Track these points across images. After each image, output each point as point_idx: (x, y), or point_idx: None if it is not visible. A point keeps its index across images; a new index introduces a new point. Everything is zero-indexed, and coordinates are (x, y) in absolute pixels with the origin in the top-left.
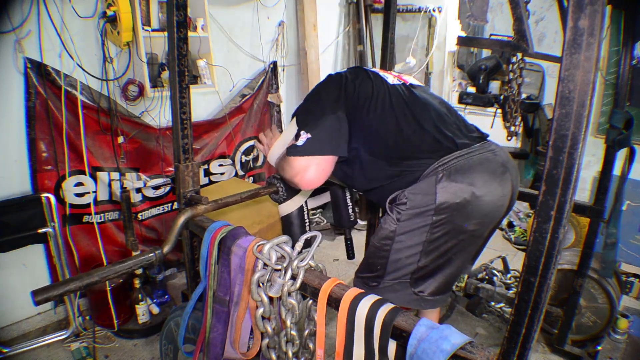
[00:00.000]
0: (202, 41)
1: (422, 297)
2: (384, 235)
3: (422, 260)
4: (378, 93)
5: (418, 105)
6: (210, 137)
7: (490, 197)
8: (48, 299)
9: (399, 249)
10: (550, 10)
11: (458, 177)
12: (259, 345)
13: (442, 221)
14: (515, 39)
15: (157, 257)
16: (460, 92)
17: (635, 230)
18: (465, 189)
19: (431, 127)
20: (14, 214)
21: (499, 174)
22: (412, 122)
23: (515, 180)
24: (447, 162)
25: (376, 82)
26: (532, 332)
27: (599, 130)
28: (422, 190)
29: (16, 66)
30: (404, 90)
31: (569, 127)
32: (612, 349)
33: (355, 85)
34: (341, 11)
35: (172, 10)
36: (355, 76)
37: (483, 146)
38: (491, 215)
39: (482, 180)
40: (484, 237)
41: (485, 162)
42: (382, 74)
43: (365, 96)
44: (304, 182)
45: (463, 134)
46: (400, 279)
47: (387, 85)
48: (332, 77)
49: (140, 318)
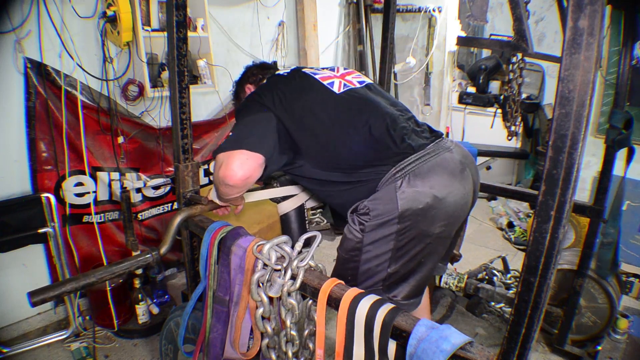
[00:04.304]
0: (202, 41)
1: (397, 301)
2: (351, 246)
3: (392, 266)
4: (322, 104)
5: (367, 111)
6: (210, 137)
7: (452, 197)
8: (45, 300)
9: (368, 259)
10: (550, 10)
11: (417, 182)
12: (259, 345)
13: (407, 228)
14: (515, 39)
15: (154, 258)
16: (460, 92)
17: (635, 230)
18: (427, 193)
19: (383, 133)
20: (14, 214)
21: (458, 173)
22: (362, 129)
23: (476, 174)
24: (405, 167)
25: (318, 92)
26: (532, 332)
27: (599, 130)
28: (382, 199)
29: (16, 66)
30: (352, 97)
31: (568, 127)
32: (612, 349)
33: (296, 98)
34: (341, 11)
35: (172, 10)
36: (296, 86)
37: (438, 145)
38: (456, 215)
39: (443, 182)
40: (452, 237)
41: (444, 163)
42: (327, 83)
43: (307, 110)
44: (222, 175)
45: (417, 134)
46: (373, 287)
47: (333, 95)
48: (263, 90)
49: (140, 318)
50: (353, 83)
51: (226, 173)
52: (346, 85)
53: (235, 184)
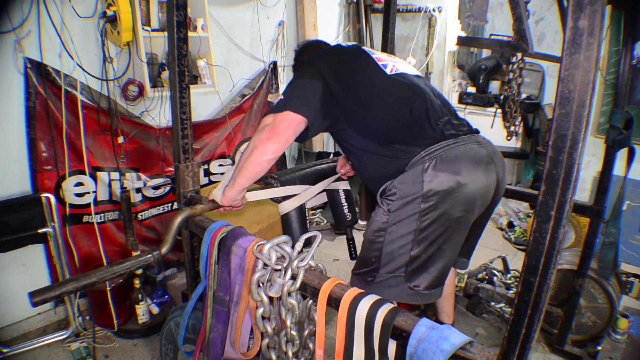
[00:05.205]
0: (202, 41)
1: (418, 291)
2: (377, 227)
3: (415, 249)
4: (372, 79)
5: (412, 94)
6: (210, 137)
7: (474, 185)
8: (46, 300)
9: (392, 240)
10: (550, 10)
11: (444, 165)
12: (259, 345)
13: (430, 208)
14: (515, 39)
15: (155, 258)
16: (460, 92)
17: (635, 230)
18: (451, 178)
19: (422, 116)
20: (14, 214)
21: (483, 164)
22: (403, 108)
23: (502, 172)
24: (434, 152)
25: (372, 68)
26: (532, 332)
27: (599, 130)
28: (410, 179)
29: (16, 66)
30: (401, 80)
31: (568, 127)
32: (612, 349)
33: (350, 68)
34: (341, 11)
35: (172, 10)
36: (353, 57)
37: (470, 138)
38: (476, 203)
39: (466, 168)
40: (470, 226)
41: (470, 152)
42: (381, 63)
43: (357, 80)
44: (265, 137)
45: (452, 126)
46: (395, 273)
47: (384, 74)
48: (321, 55)
49: (140, 318)
50: (405, 69)
51: (272, 133)
52: (398, 70)
53: (275, 141)
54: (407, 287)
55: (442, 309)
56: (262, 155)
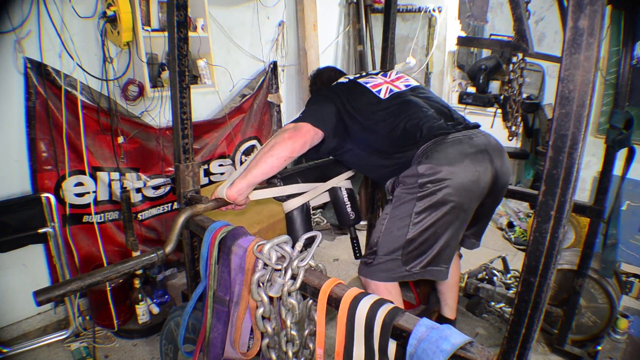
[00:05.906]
0: (202, 41)
1: (413, 272)
2: (383, 214)
3: (411, 231)
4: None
5: (405, 111)
6: (210, 137)
7: (463, 172)
8: (50, 299)
9: (392, 219)
10: (550, 10)
11: (434, 157)
12: (259, 345)
13: (425, 194)
14: (515, 39)
15: (159, 257)
16: (460, 92)
17: (635, 230)
18: (440, 167)
19: (414, 127)
20: (14, 214)
21: (470, 153)
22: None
23: (500, 161)
24: (426, 148)
25: (369, 98)
26: (532, 332)
27: (599, 130)
28: (410, 172)
29: (16, 66)
30: (395, 101)
31: (568, 127)
32: (612, 349)
33: (349, 99)
34: (341, 11)
35: (173, 10)
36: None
37: (463, 133)
38: (468, 189)
39: (454, 158)
40: (469, 215)
41: (457, 144)
42: (375, 90)
43: (356, 111)
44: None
45: (446, 127)
46: (392, 255)
47: (379, 100)
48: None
49: (140, 318)
50: (399, 87)
51: (294, 134)
52: (391, 90)
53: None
54: (404, 269)
55: (446, 301)
56: (281, 152)
